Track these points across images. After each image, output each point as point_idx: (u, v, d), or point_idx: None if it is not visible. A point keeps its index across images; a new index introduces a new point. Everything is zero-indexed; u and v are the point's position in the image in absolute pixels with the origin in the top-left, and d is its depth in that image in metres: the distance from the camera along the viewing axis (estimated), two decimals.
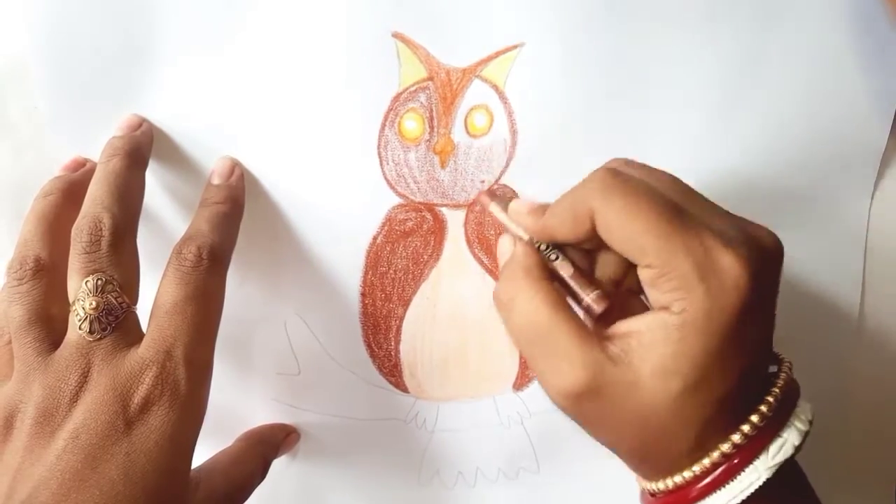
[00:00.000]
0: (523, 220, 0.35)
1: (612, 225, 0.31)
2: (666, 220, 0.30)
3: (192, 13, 0.39)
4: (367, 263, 0.43)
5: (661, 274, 0.30)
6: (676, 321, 0.30)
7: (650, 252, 0.30)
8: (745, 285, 0.29)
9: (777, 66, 0.40)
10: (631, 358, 0.30)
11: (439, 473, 0.47)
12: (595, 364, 0.30)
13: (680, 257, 0.29)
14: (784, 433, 0.31)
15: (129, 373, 0.33)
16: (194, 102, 0.40)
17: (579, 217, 0.32)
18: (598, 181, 0.31)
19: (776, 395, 0.31)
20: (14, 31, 0.39)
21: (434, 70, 0.40)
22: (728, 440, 0.31)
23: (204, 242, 0.36)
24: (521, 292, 0.33)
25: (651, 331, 0.30)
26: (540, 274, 0.33)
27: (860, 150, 0.42)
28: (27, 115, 0.40)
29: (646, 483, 0.34)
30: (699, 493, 0.31)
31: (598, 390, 0.31)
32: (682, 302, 0.30)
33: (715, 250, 0.29)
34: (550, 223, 0.33)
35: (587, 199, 0.31)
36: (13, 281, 0.35)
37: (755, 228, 0.32)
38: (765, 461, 0.31)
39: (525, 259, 0.34)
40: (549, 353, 0.32)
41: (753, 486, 0.31)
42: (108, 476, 0.32)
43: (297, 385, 0.45)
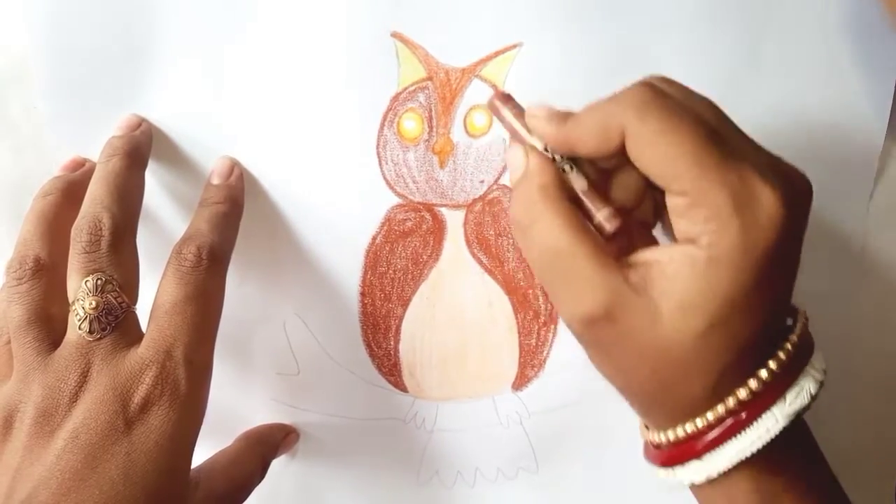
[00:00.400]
0: (542, 126, 0.32)
1: (646, 146, 0.29)
2: (703, 146, 0.28)
3: (192, 13, 0.39)
4: (367, 263, 0.43)
5: (695, 203, 0.28)
6: (704, 255, 0.28)
7: (684, 178, 0.28)
8: (781, 221, 0.28)
9: (775, 65, 0.40)
10: (653, 289, 0.29)
11: (438, 473, 0.47)
12: (615, 289, 0.29)
13: (716, 187, 0.28)
14: (801, 381, 0.30)
15: (129, 372, 0.33)
16: (194, 102, 0.40)
17: (609, 132, 0.30)
18: (635, 96, 0.29)
19: (794, 342, 0.30)
20: (14, 30, 0.39)
21: (433, 70, 0.40)
22: (745, 386, 0.29)
23: (204, 242, 0.36)
24: (541, 215, 0.31)
25: (675, 263, 0.29)
26: (558, 194, 0.31)
27: (858, 149, 0.42)
28: (27, 115, 0.40)
29: (651, 434, 0.32)
30: (711, 442, 0.30)
31: (616, 317, 0.29)
32: (713, 235, 0.28)
33: (751, 182, 0.28)
34: (575, 133, 0.31)
35: (621, 114, 0.29)
36: (12, 280, 0.35)
37: (788, 167, 0.31)
38: (782, 408, 0.29)
39: (541, 176, 0.31)
40: (568, 277, 0.30)
41: (771, 434, 0.29)
42: (108, 476, 0.32)
43: (297, 385, 0.45)
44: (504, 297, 0.44)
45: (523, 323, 0.44)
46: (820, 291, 0.44)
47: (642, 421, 0.34)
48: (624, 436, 0.45)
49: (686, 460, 0.31)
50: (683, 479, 0.32)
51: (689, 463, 0.31)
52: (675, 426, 0.31)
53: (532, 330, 0.44)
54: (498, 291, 0.44)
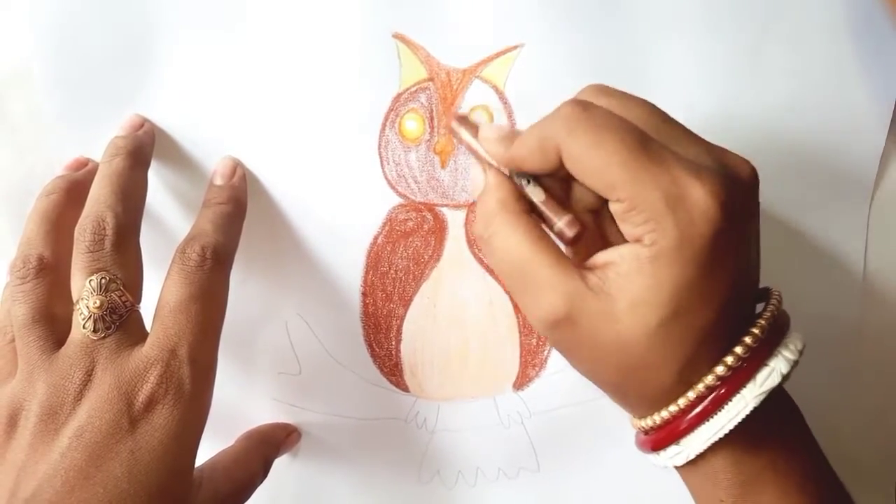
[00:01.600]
0: (492, 147, 0.34)
1: (579, 160, 0.30)
2: (633, 153, 0.29)
3: (194, 14, 0.39)
4: (368, 263, 0.43)
5: (631, 207, 0.30)
6: (648, 253, 0.29)
7: (618, 186, 0.30)
8: (714, 216, 0.29)
9: (777, 67, 0.40)
10: (609, 288, 0.30)
11: (439, 473, 0.47)
12: (573, 292, 0.30)
13: (648, 189, 0.29)
14: (771, 362, 0.31)
15: (134, 371, 0.33)
16: (196, 103, 0.40)
17: (546, 151, 0.31)
18: (563, 115, 0.31)
19: (762, 326, 0.31)
20: (17, 32, 0.39)
21: (434, 70, 0.40)
22: (712, 372, 0.31)
23: (208, 242, 0.36)
24: (500, 228, 0.32)
25: (626, 262, 0.30)
26: (515, 206, 0.33)
27: (859, 150, 0.42)
28: (30, 116, 0.40)
29: (636, 421, 0.34)
30: (689, 424, 0.31)
31: (576, 319, 0.30)
32: (652, 234, 0.29)
33: (683, 180, 0.29)
34: (518, 154, 0.33)
35: (553, 133, 0.31)
36: (16, 280, 0.35)
37: (729, 157, 0.32)
38: (752, 390, 0.30)
39: (499, 191, 0.33)
40: (529, 284, 0.32)
41: (741, 415, 0.30)
42: (112, 474, 0.32)
43: (298, 384, 0.45)
44: (505, 296, 0.44)
45: (524, 322, 0.44)
46: (821, 292, 0.44)
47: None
48: (625, 436, 0.45)
49: (667, 445, 0.32)
50: (667, 462, 0.33)
51: (669, 447, 0.32)
52: (651, 414, 0.32)
53: (533, 329, 0.44)
54: (499, 291, 0.44)
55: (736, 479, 0.33)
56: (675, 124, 0.32)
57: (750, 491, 0.33)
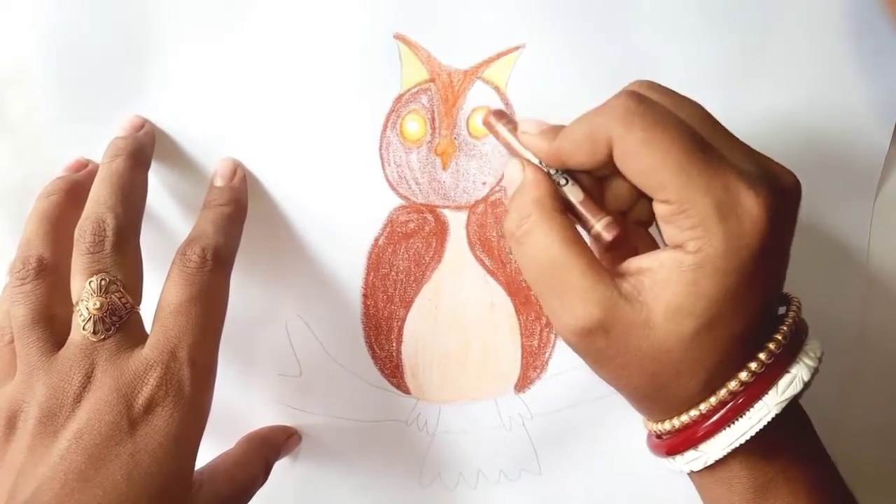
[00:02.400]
0: (533, 142, 0.33)
1: (632, 156, 0.30)
2: (688, 155, 0.29)
3: (194, 15, 0.39)
4: (369, 265, 0.43)
5: (680, 211, 0.29)
6: (692, 261, 0.29)
7: (669, 188, 0.29)
8: (763, 227, 0.29)
9: (778, 68, 0.40)
10: (644, 296, 0.30)
11: (441, 475, 0.47)
12: (607, 301, 0.30)
13: (700, 195, 0.29)
14: (793, 369, 0.31)
15: (134, 373, 0.33)
16: (196, 104, 0.40)
17: (596, 144, 0.30)
18: (619, 107, 0.30)
19: (785, 332, 0.31)
20: (17, 32, 0.39)
21: (436, 71, 0.40)
22: (735, 378, 0.30)
23: (208, 244, 0.36)
24: (534, 227, 0.32)
25: (665, 269, 0.29)
26: (553, 206, 0.32)
27: (862, 153, 0.42)
28: (29, 116, 0.40)
29: (652, 425, 0.33)
30: (707, 431, 0.31)
31: (609, 327, 0.30)
32: (698, 241, 0.29)
33: (736, 190, 0.29)
34: (564, 148, 0.32)
35: (606, 125, 0.30)
36: (16, 281, 0.35)
37: (775, 166, 0.31)
38: (774, 397, 0.30)
39: (536, 189, 0.32)
40: (561, 289, 0.31)
41: (763, 422, 0.30)
42: (112, 477, 0.32)
43: (299, 387, 0.45)
44: (506, 298, 0.44)
45: (526, 324, 0.44)
46: (824, 293, 0.44)
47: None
48: (627, 437, 0.45)
49: (684, 450, 0.32)
50: (683, 467, 0.33)
51: (686, 452, 0.32)
52: (671, 418, 0.32)
53: (534, 331, 0.44)
54: (500, 293, 0.44)
55: (750, 485, 0.32)
56: (723, 128, 0.32)
57: (762, 497, 0.33)
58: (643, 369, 0.31)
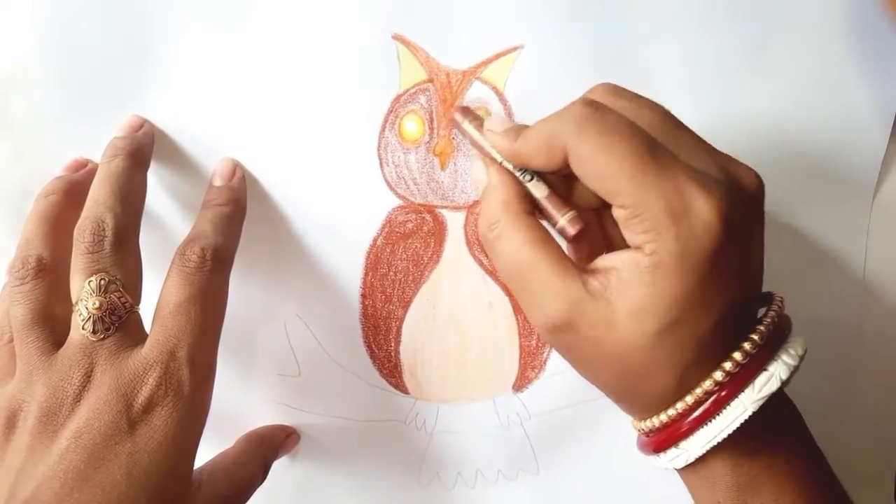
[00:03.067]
0: (497, 140, 0.34)
1: (585, 163, 0.30)
2: (641, 160, 0.29)
3: (193, 15, 0.39)
4: (368, 265, 0.43)
5: (634, 215, 0.30)
6: (648, 262, 0.29)
7: (623, 193, 0.29)
8: (716, 228, 0.29)
9: (778, 68, 0.40)
10: (609, 294, 0.30)
11: (439, 475, 0.47)
12: (574, 297, 0.30)
13: (652, 199, 0.29)
14: (770, 367, 0.31)
15: (133, 373, 0.33)
16: (195, 104, 0.40)
17: (552, 149, 0.31)
18: (574, 114, 0.31)
19: (761, 332, 0.31)
20: (16, 32, 0.39)
21: (434, 72, 0.40)
22: (710, 377, 0.31)
23: (207, 244, 0.36)
24: (504, 231, 0.32)
25: (627, 269, 0.30)
26: (518, 208, 0.33)
27: (860, 153, 0.42)
28: (29, 116, 0.40)
29: (638, 424, 0.34)
30: (689, 427, 0.31)
31: (577, 324, 0.31)
32: (653, 244, 0.29)
33: (687, 192, 0.29)
34: (524, 150, 0.33)
35: (561, 132, 0.31)
36: (15, 281, 0.35)
37: (736, 167, 0.32)
38: (750, 395, 0.31)
39: (502, 192, 0.33)
40: (532, 287, 0.32)
41: (739, 420, 0.31)
42: (111, 476, 0.32)
43: (298, 386, 0.45)
44: (505, 298, 0.44)
45: (524, 324, 0.44)
46: (822, 293, 0.44)
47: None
48: (624, 437, 0.45)
49: (667, 447, 0.33)
50: (667, 464, 0.33)
51: (669, 450, 0.33)
52: (651, 417, 0.33)
53: (532, 331, 0.44)
54: (498, 293, 0.44)
55: (734, 482, 0.33)
56: (684, 130, 0.32)
57: (746, 493, 0.33)
58: (613, 367, 0.31)
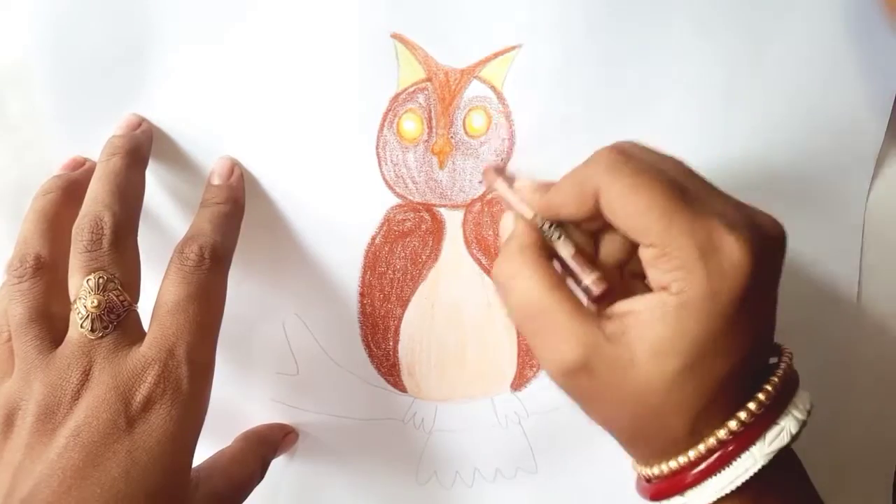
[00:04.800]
0: (528, 195, 0.35)
1: (617, 203, 0.31)
2: (670, 200, 0.30)
3: (192, 14, 0.39)
4: (366, 264, 0.43)
5: (663, 254, 0.30)
6: (675, 301, 0.29)
7: (652, 231, 0.30)
8: (746, 269, 0.29)
9: (775, 66, 0.40)
10: (628, 337, 0.30)
11: (437, 474, 0.48)
12: (590, 341, 0.30)
13: (682, 237, 0.29)
14: (781, 421, 0.31)
15: (131, 371, 0.33)
16: (193, 102, 0.40)
17: (584, 194, 0.32)
18: (604, 159, 0.31)
19: (775, 384, 0.31)
20: (14, 31, 0.39)
21: (432, 71, 0.40)
22: (724, 426, 0.31)
23: (206, 242, 0.36)
24: (519, 271, 0.33)
25: (649, 310, 0.30)
26: (538, 253, 0.33)
27: (857, 149, 0.42)
28: (27, 115, 0.40)
29: (641, 468, 0.34)
30: (694, 478, 0.31)
31: (593, 367, 0.30)
32: (681, 282, 0.29)
33: (718, 232, 0.29)
34: (555, 200, 0.33)
35: (593, 176, 0.31)
36: (13, 279, 0.35)
37: (759, 216, 0.32)
38: (761, 448, 0.31)
39: (524, 237, 0.34)
40: (546, 330, 0.32)
41: (749, 473, 0.30)
42: (110, 474, 0.32)
43: (296, 385, 0.45)
44: None
45: None
46: (819, 293, 0.44)
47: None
48: None
49: (671, 495, 0.32)
50: None
51: (673, 498, 0.32)
52: (659, 463, 0.32)
53: None
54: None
55: None
56: (705, 181, 0.32)
57: None
58: (627, 409, 0.31)
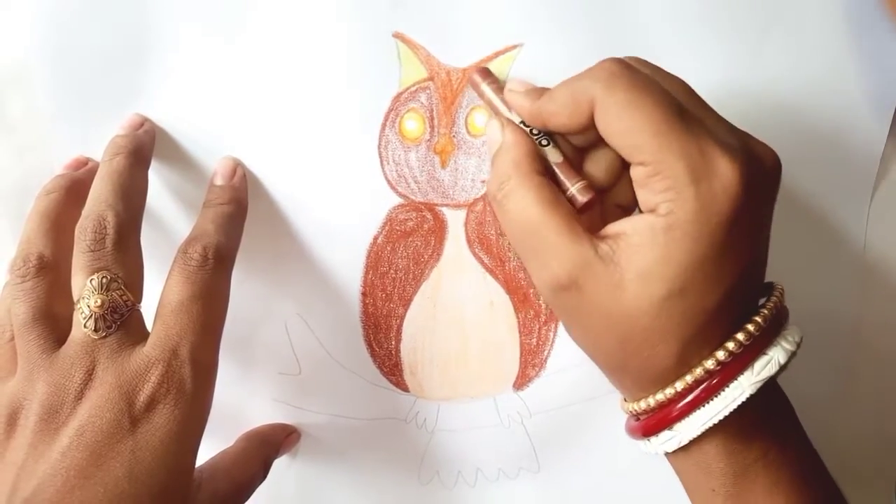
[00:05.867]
0: (518, 99, 0.34)
1: (612, 117, 0.30)
2: (665, 119, 0.29)
3: (193, 14, 0.39)
4: (368, 263, 0.43)
5: (654, 172, 0.29)
6: (663, 223, 0.29)
7: (646, 149, 0.29)
8: (736, 192, 0.29)
9: (776, 68, 0.41)
10: (618, 258, 0.30)
11: (439, 473, 0.47)
12: (581, 258, 0.30)
13: (674, 157, 0.29)
14: (770, 351, 0.31)
15: (135, 371, 0.33)
16: (196, 102, 0.40)
17: (579, 105, 0.31)
18: (604, 70, 0.31)
19: (765, 315, 0.31)
20: (16, 31, 0.39)
21: (434, 70, 0.40)
22: (712, 356, 0.31)
23: (209, 242, 0.36)
24: (514, 189, 0.32)
25: (638, 232, 0.30)
26: (531, 167, 0.33)
27: (859, 151, 0.42)
28: (29, 115, 0.40)
29: (629, 404, 0.34)
30: (682, 410, 0.31)
31: (583, 285, 0.30)
32: (670, 203, 0.29)
33: (710, 154, 0.29)
34: (547, 107, 0.32)
35: (590, 87, 0.31)
36: (16, 278, 0.35)
37: (756, 143, 0.32)
38: (749, 377, 0.30)
39: (515, 150, 0.33)
40: (539, 246, 0.31)
41: (737, 402, 0.30)
42: (113, 474, 0.32)
43: (298, 385, 0.45)
44: (505, 296, 0.44)
45: (524, 322, 0.44)
46: (821, 291, 0.44)
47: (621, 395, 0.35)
48: (625, 435, 0.45)
49: (659, 430, 0.32)
50: (658, 449, 0.33)
51: (661, 433, 0.32)
52: (646, 396, 0.32)
53: (533, 329, 0.44)
54: (499, 291, 0.44)
55: (728, 469, 0.33)
56: (706, 104, 0.32)
57: (742, 481, 0.33)
58: (615, 331, 0.31)
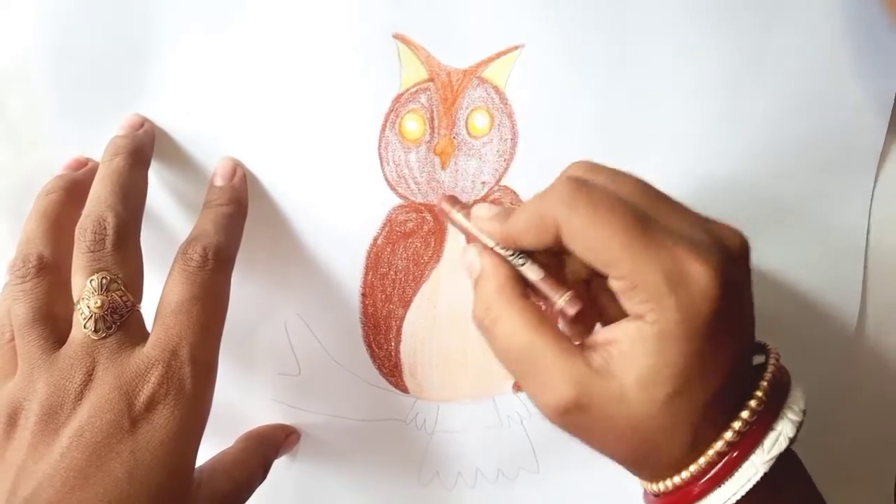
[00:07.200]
0: (486, 225, 0.34)
1: (578, 237, 0.30)
2: (632, 232, 0.29)
3: (193, 14, 0.39)
4: (368, 264, 0.43)
5: (632, 286, 0.30)
6: (652, 331, 0.29)
7: (619, 264, 0.30)
8: (715, 295, 0.29)
9: (776, 67, 0.41)
10: (614, 368, 0.30)
11: (439, 474, 0.48)
12: (580, 379, 0.30)
13: (648, 269, 0.29)
14: (777, 426, 0.31)
15: (135, 371, 0.33)
16: (196, 103, 0.40)
17: (545, 226, 0.31)
18: (562, 191, 0.31)
19: (764, 388, 0.31)
20: (16, 31, 0.39)
21: (435, 71, 0.40)
22: (721, 438, 0.31)
23: (209, 243, 0.36)
24: (500, 316, 0.32)
25: (630, 339, 0.30)
26: (514, 291, 0.33)
27: (858, 150, 0.42)
28: (29, 115, 0.40)
29: (647, 484, 0.34)
30: (701, 490, 0.31)
31: (586, 405, 0.30)
32: (654, 313, 0.29)
33: (681, 260, 0.29)
34: (515, 230, 0.33)
35: (551, 209, 0.31)
36: (16, 279, 0.35)
37: (720, 229, 0.32)
38: (761, 455, 0.31)
39: (496, 277, 0.33)
40: (535, 371, 0.31)
41: (752, 482, 0.31)
42: (113, 474, 0.32)
43: (298, 385, 0.45)
44: None
45: None
46: (821, 291, 0.44)
47: None
48: None
49: None
50: None
51: None
52: (664, 479, 0.32)
53: None
54: None
55: None
56: (665, 198, 0.32)
57: None
58: (625, 439, 0.31)
